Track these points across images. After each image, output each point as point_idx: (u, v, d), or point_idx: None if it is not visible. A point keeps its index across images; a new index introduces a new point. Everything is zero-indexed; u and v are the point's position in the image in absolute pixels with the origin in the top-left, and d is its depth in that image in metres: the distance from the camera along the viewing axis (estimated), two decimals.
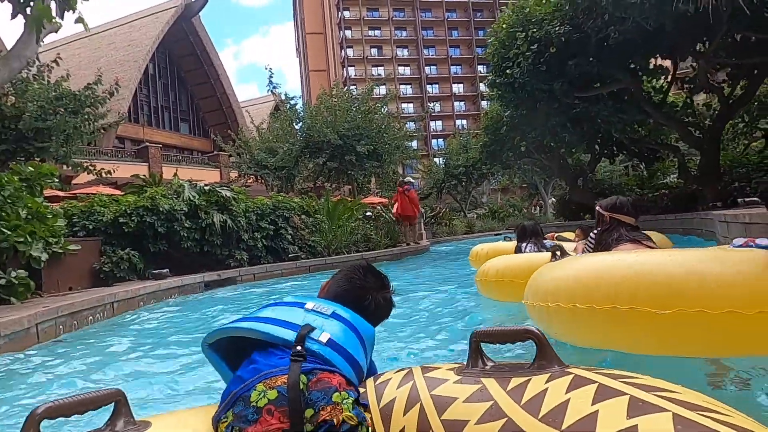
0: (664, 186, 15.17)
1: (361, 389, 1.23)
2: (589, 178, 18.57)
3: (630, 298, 2.15)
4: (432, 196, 33.89)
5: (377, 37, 66.89)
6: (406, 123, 25.79)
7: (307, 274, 9.93)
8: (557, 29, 10.25)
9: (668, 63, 12.44)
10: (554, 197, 30.04)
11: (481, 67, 66.32)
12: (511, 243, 6.11)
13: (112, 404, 1.08)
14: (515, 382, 1.04)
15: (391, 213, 14.53)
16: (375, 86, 20.83)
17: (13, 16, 4.49)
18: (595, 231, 3.24)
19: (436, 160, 39.53)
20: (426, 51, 67.14)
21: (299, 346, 1.18)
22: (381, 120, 19.11)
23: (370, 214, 15.66)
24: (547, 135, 14.13)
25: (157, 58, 36.64)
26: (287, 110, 19.49)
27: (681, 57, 12.25)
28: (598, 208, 3.18)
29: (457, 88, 67.28)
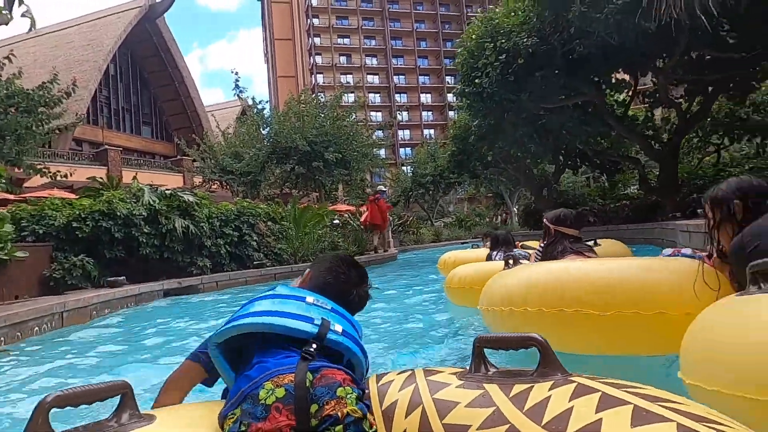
0: (626, 197, 15.62)
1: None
2: (553, 189, 18.95)
3: (575, 301, 2.34)
4: (399, 204, 33.94)
5: (346, 45, 66.93)
6: (374, 131, 25.76)
7: (273, 281, 9.67)
8: (525, 41, 10.43)
9: (630, 77, 12.84)
10: (519, 207, 30.58)
11: (449, 78, 67.31)
12: (478, 251, 6.34)
13: (118, 396, 1.09)
14: (518, 388, 1.03)
15: (360, 221, 14.43)
16: (344, 93, 20.75)
17: None
18: (541, 244, 3.52)
19: (404, 168, 39.69)
20: (395, 60, 67.60)
21: (315, 343, 1.21)
22: (350, 127, 19.00)
23: (338, 221, 15.51)
24: (514, 145, 14.36)
25: (118, 59, 35.53)
26: (254, 115, 19.15)
27: (642, 72, 12.69)
28: (545, 220, 3.36)
29: (425, 98, 67.96)
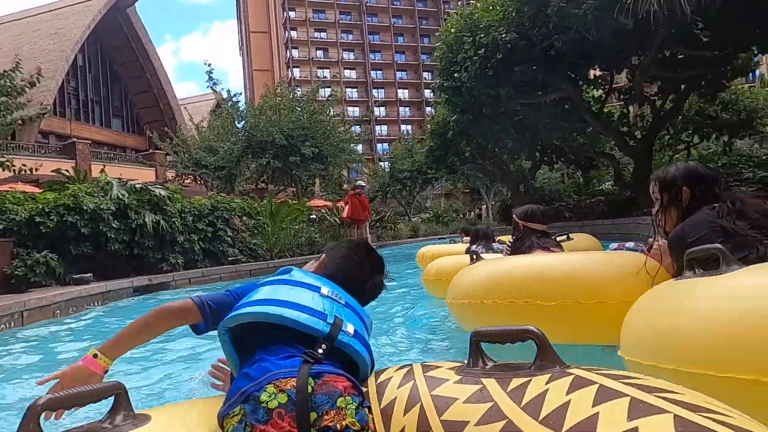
0: (600, 192, 15.82)
1: (363, 388, 1.23)
2: (530, 185, 19.09)
3: (524, 293, 2.55)
4: (377, 199, 33.83)
5: (323, 39, 66.28)
6: (351, 126, 25.51)
7: (248, 278, 9.45)
8: (504, 36, 10.39)
9: (606, 74, 12.96)
10: (496, 202, 30.80)
11: (427, 74, 67.40)
12: (456, 245, 6.51)
13: (112, 397, 1.07)
14: (516, 382, 1.03)
15: (341, 216, 14.30)
16: (321, 87, 20.44)
17: None
18: (510, 240, 3.69)
19: (382, 164, 39.58)
20: (372, 55, 67.26)
21: (325, 343, 1.19)
22: (327, 121, 18.75)
23: (314, 217, 15.33)
24: (492, 140, 14.37)
25: (87, 49, 34.42)
26: (229, 108, 18.71)
27: (617, 69, 12.82)
28: (514, 216, 3.49)
29: (403, 94, 67.86)
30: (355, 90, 65.13)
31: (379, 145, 61.98)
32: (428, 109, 62.54)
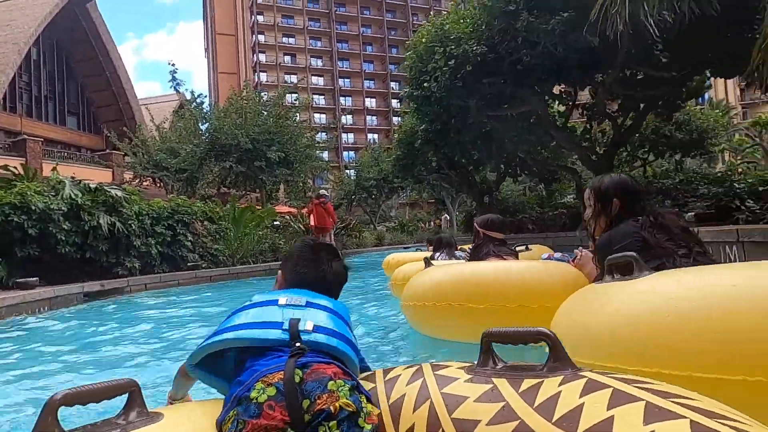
0: (563, 205, 16.15)
1: (370, 384, 1.25)
2: (494, 196, 19.35)
3: (459, 296, 2.80)
4: (342, 207, 33.63)
5: (291, 44, 65.79)
6: (318, 132, 25.28)
7: (208, 284, 9.12)
8: (474, 48, 10.50)
9: (571, 90, 13.29)
10: (461, 213, 31.13)
11: (394, 84, 67.85)
12: (422, 253, 6.72)
13: (126, 395, 1.08)
14: (528, 383, 1.02)
15: (307, 223, 14.16)
16: (288, 92, 20.16)
17: None
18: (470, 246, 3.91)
19: (348, 172, 39.46)
20: (340, 63, 67.21)
21: (297, 342, 1.20)
22: (293, 126, 18.47)
23: (278, 223, 15.05)
24: (459, 151, 14.48)
25: (42, 43, 32.93)
26: (192, 109, 18.19)
27: (581, 86, 13.18)
28: (475, 224, 3.68)
29: (370, 103, 68.02)
30: (323, 97, 64.86)
31: (345, 153, 61.82)
32: (395, 119, 62.92)
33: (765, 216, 4.87)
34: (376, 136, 64.41)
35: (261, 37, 64.42)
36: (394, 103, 67.10)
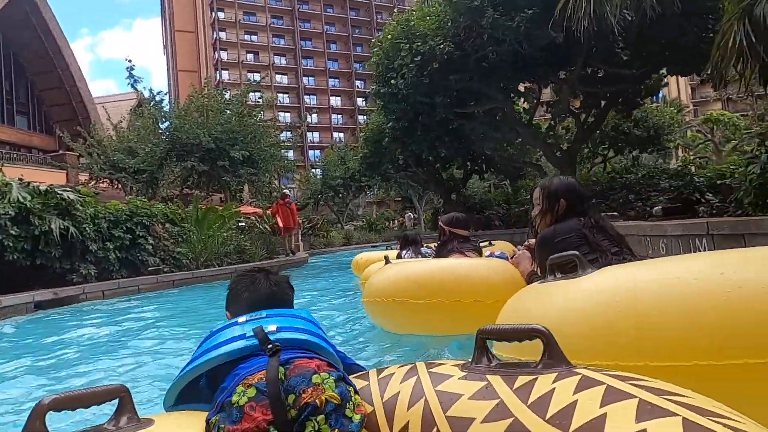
0: (529, 201, 16.35)
1: (363, 382, 1.25)
2: (461, 193, 19.46)
3: (400, 292, 2.96)
4: (309, 207, 33.26)
5: (254, 42, 64.59)
6: (283, 131, 24.81)
7: (171, 289, 8.76)
8: (440, 45, 10.47)
9: (535, 87, 13.45)
10: (427, 210, 31.26)
11: (359, 82, 67.57)
12: (392, 252, 6.73)
13: (116, 400, 1.07)
14: (522, 380, 1.02)
15: (273, 224, 14.01)
16: (251, 90, 19.67)
17: None
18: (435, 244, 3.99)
19: (314, 171, 39.06)
20: (304, 61, 66.43)
21: (269, 344, 1.19)
22: (257, 125, 18.03)
23: (244, 224, 14.71)
24: (426, 148, 14.46)
25: None
26: (151, 107, 17.51)
27: (544, 84, 13.36)
28: (440, 222, 3.76)
29: (335, 101, 67.53)
30: (287, 95, 63.99)
31: (310, 152, 61.20)
32: (361, 118, 62.69)
33: (727, 209, 5.00)
34: (341, 134, 64.02)
35: (222, 35, 63.01)
36: (360, 101, 66.87)
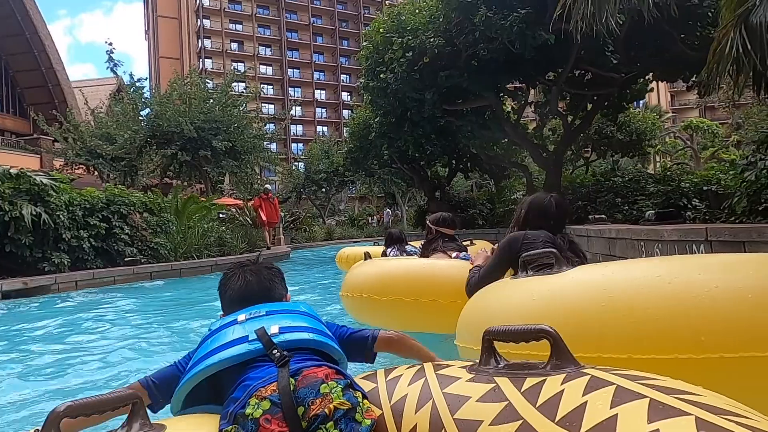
0: (513, 201, 16.37)
1: (371, 384, 1.26)
2: (446, 191, 19.39)
3: (366, 289, 3.13)
4: (291, 200, 32.86)
5: (238, 31, 63.56)
6: (266, 123, 24.40)
7: (148, 281, 8.48)
8: (432, 40, 10.33)
9: (525, 87, 13.42)
10: (410, 207, 31.19)
11: (345, 76, 67.10)
12: (377, 248, 6.88)
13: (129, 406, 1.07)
14: (530, 382, 1.01)
15: (254, 216, 13.85)
16: (235, 80, 19.23)
17: None
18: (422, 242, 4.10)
19: (297, 164, 38.63)
20: (289, 53, 65.62)
21: (274, 350, 1.21)
22: (241, 115, 17.66)
23: (224, 216, 14.43)
24: (412, 145, 14.32)
25: None
26: (132, 93, 17.00)
27: (532, 84, 13.33)
28: (428, 221, 3.85)
29: (320, 95, 66.92)
30: (271, 87, 63.17)
31: (294, 145, 60.58)
32: (345, 112, 62.27)
33: (720, 215, 4.98)
34: (325, 128, 63.52)
35: (206, 22, 61.90)
36: (345, 95, 66.41)
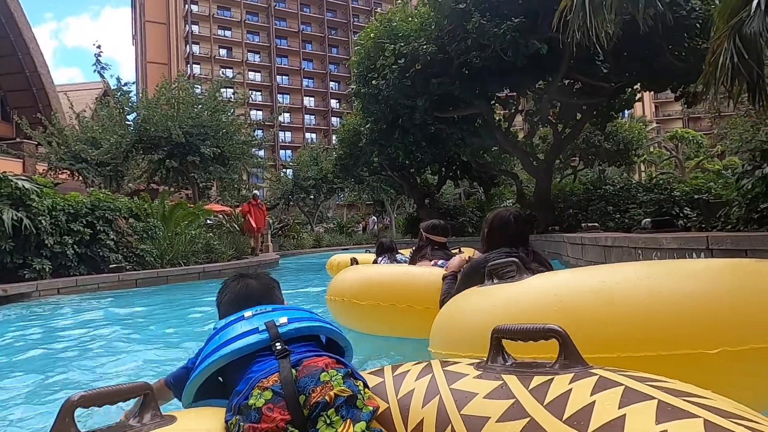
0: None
1: (378, 379, 1.28)
2: (435, 199, 19.37)
3: (346, 293, 3.25)
4: (279, 207, 32.61)
5: (227, 38, 63.32)
6: (255, 129, 24.18)
7: (134, 288, 8.26)
8: (424, 47, 10.31)
9: (516, 95, 13.45)
10: (399, 215, 31.12)
11: (334, 84, 67.11)
12: (368, 255, 6.97)
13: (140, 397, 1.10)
14: (538, 380, 1.01)
15: (242, 223, 13.70)
16: (223, 85, 19.04)
17: None
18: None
19: (285, 171, 38.39)
20: (278, 60, 65.49)
21: (277, 342, 1.26)
22: (230, 122, 17.46)
23: (211, 222, 14.22)
24: (403, 152, 14.28)
25: None
26: (119, 97, 16.72)
27: (522, 93, 13.37)
28: (421, 228, 3.93)
29: (309, 102, 66.83)
30: (260, 93, 62.94)
31: (282, 152, 60.32)
32: (334, 119, 62.21)
33: (716, 223, 4.97)
34: (314, 135, 63.32)
35: (195, 28, 61.59)
36: (334, 103, 66.39)
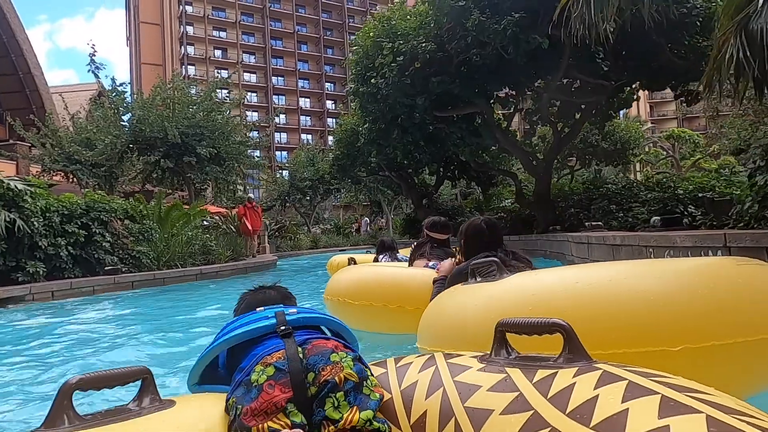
0: (502, 209, 16.30)
1: (381, 369, 1.28)
2: (433, 199, 19.28)
3: (342, 293, 3.37)
4: (275, 208, 32.45)
5: (222, 38, 63.06)
6: (250, 131, 24.01)
7: (130, 290, 8.11)
8: (423, 45, 10.20)
9: (515, 94, 13.37)
10: (396, 216, 31.02)
11: (329, 85, 66.98)
12: (368, 255, 7.01)
13: (139, 381, 1.11)
14: (542, 374, 1.01)
15: (238, 225, 13.61)
16: (218, 86, 18.87)
17: None
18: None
19: (282, 172, 38.23)
20: (274, 61, 65.29)
21: (283, 326, 1.27)
22: (225, 122, 17.29)
23: (207, 223, 14.09)
24: (401, 151, 14.17)
25: None
26: (114, 97, 16.54)
27: (522, 92, 13.30)
28: (423, 225, 3.99)
29: (304, 103, 66.65)
30: (255, 94, 62.71)
31: (278, 153, 60.11)
32: (330, 120, 62.05)
33: (726, 221, 4.89)
34: (310, 136, 63.24)
35: (190, 29, 61.31)
36: (329, 104, 66.26)
